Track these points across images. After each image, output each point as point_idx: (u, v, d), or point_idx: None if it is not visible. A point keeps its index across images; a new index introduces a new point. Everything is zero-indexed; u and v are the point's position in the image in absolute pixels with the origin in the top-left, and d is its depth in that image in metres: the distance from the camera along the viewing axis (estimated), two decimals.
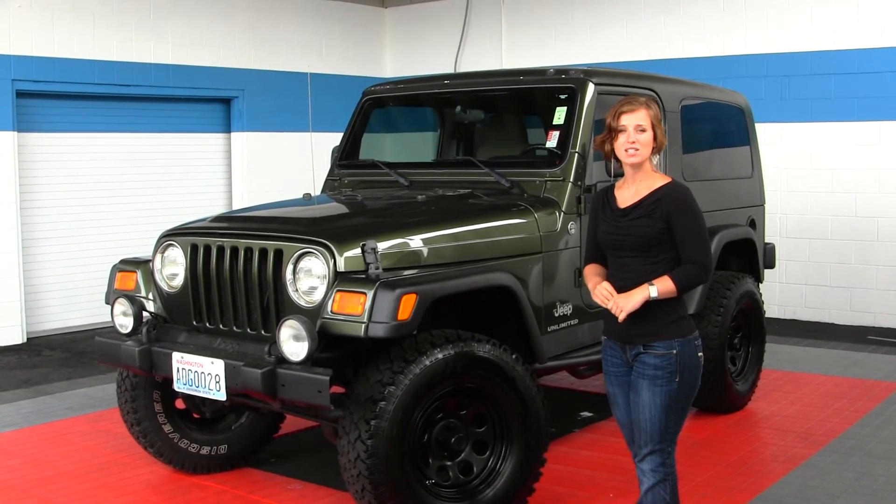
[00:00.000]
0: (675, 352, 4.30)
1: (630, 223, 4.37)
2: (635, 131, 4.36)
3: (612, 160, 4.52)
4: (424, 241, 5.35)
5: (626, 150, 4.37)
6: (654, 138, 4.38)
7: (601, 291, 4.37)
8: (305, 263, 5.06)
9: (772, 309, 11.20)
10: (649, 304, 4.26)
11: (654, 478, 4.36)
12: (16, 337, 10.84)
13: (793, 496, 5.83)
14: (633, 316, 4.29)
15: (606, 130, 4.45)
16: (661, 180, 4.42)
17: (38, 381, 9.15)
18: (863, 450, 6.68)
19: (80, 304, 11.51)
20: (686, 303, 4.52)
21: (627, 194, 4.45)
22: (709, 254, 4.34)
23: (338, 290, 4.86)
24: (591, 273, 4.58)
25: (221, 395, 5.09)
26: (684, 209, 4.32)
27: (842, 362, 9.40)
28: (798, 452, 6.65)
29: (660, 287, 4.24)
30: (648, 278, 4.28)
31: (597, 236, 4.54)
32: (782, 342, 10.26)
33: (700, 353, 4.41)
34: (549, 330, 5.93)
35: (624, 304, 4.26)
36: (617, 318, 4.30)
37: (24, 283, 10.97)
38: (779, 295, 11.67)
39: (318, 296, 4.99)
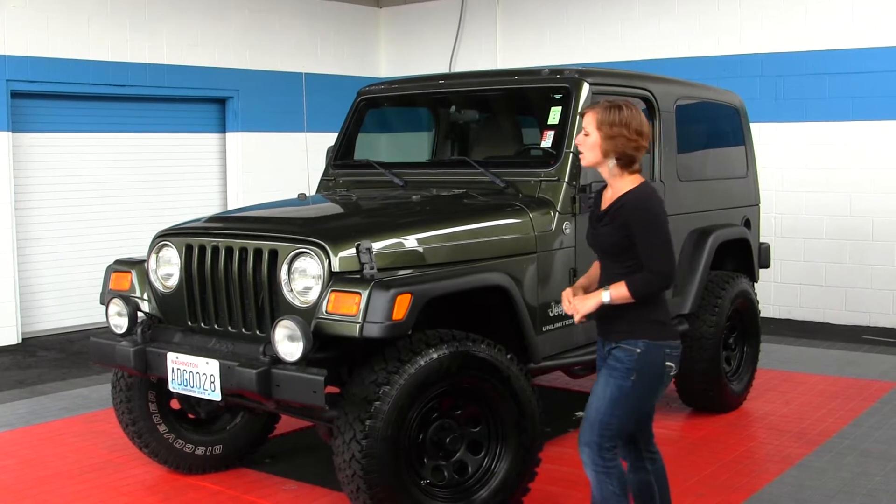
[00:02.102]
0: (638, 350, 4.30)
1: (600, 229, 4.45)
2: (582, 134, 4.41)
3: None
4: (419, 241, 5.35)
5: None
6: (601, 142, 4.34)
7: (564, 294, 4.55)
8: (300, 263, 5.06)
9: (767, 308, 11.21)
10: (623, 305, 4.31)
11: (593, 470, 4.36)
12: (11, 337, 10.83)
13: (788, 496, 5.84)
14: (609, 314, 4.38)
15: None
16: (630, 184, 4.38)
17: (32, 381, 9.14)
18: (858, 449, 6.69)
19: (75, 305, 11.50)
20: (666, 309, 4.47)
21: (607, 197, 4.49)
22: (667, 261, 4.27)
23: (332, 291, 4.86)
24: (593, 268, 4.71)
25: (216, 396, 5.08)
26: (642, 216, 4.27)
27: (837, 362, 9.41)
28: (793, 452, 6.66)
29: (613, 293, 4.29)
30: (616, 282, 4.32)
31: None
32: (777, 342, 10.27)
33: (669, 363, 4.38)
34: (543, 330, 5.93)
35: (580, 306, 4.38)
36: (600, 315, 4.42)
37: (18, 283, 10.95)
38: (774, 294, 11.68)
39: (312, 296, 4.99)
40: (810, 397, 8.08)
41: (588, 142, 4.38)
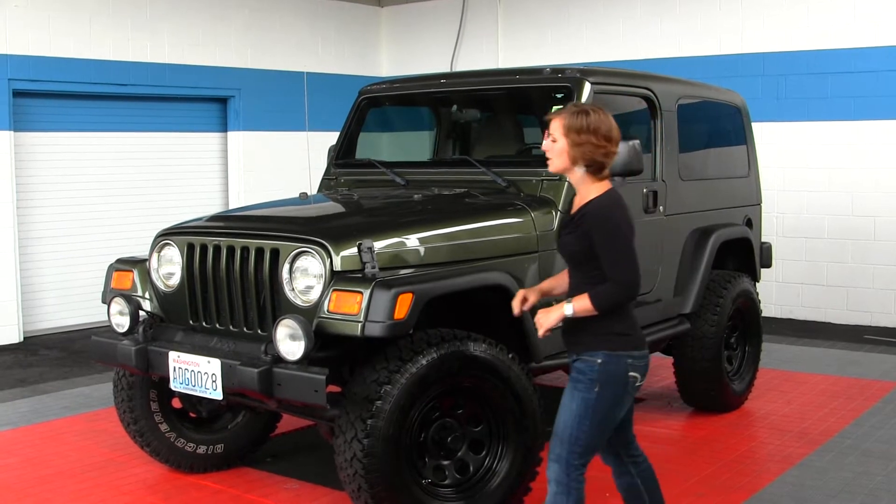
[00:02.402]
0: (598, 361, 4.19)
1: (565, 237, 4.35)
2: (549, 139, 4.30)
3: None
4: (421, 240, 5.35)
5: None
6: (568, 148, 4.22)
7: (518, 295, 4.57)
8: (302, 263, 5.06)
9: (768, 308, 11.21)
10: (579, 318, 4.21)
11: (556, 487, 4.23)
12: (12, 336, 10.84)
13: (789, 495, 5.84)
14: (571, 326, 4.29)
15: None
16: (596, 192, 4.25)
17: (34, 380, 9.15)
18: (859, 449, 6.69)
19: (77, 304, 11.51)
20: (630, 319, 4.31)
21: (576, 203, 4.36)
22: (629, 271, 4.14)
23: (334, 290, 4.86)
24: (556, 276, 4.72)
25: (218, 395, 5.08)
26: (603, 226, 4.15)
27: (838, 361, 9.41)
28: (794, 451, 6.66)
29: (576, 306, 4.18)
30: (581, 292, 4.22)
31: None
32: (779, 341, 10.27)
33: (633, 373, 4.25)
34: None
35: (543, 320, 4.26)
36: (563, 326, 4.33)
37: (20, 282, 10.96)
38: (775, 294, 11.68)
39: (314, 295, 4.99)
40: (812, 397, 8.08)
41: (555, 148, 4.26)
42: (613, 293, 4.15)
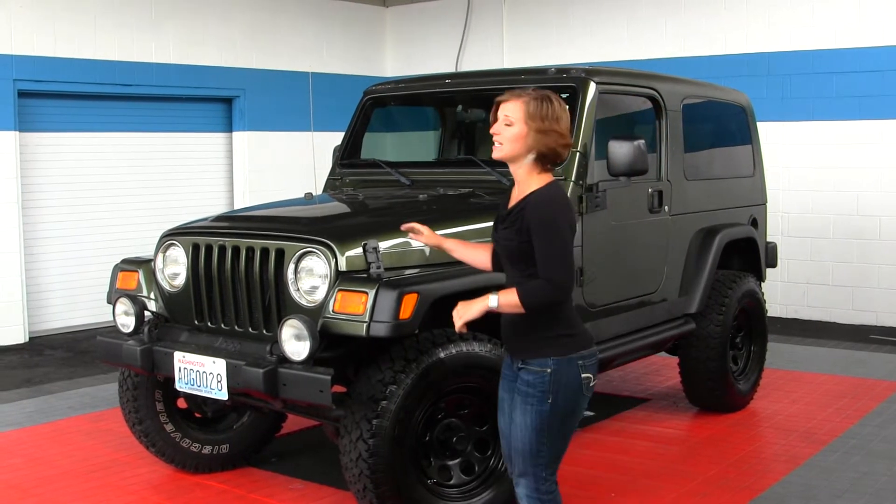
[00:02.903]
0: (549, 370, 3.92)
1: (501, 232, 4.06)
2: (502, 122, 3.97)
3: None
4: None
5: (493, 144, 4.01)
6: (527, 135, 3.91)
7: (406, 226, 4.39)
8: (307, 263, 5.06)
9: (773, 308, 11.20)
10: (525, 319, 3.94)
11: (534, 499, 4.03)
12: (18, 336, 10.85)
13: (794, 495, 5.83)
14: (511, 329, 4.06)
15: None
16: (536, 185, 3.96)
17: (39, 380, 9.16)
18: (864, 449, 6.68)
19: (82, 304, 11.52)
20: (573, 317, 4.04)
21: (513, 196, 4.09)
22: (562, 270, 3.82)
23: (339, 290, 4.86)
24: (481, 246, 4.46)
25: (223, 395, 5.09)
26: (540, 221, 3.84)
27: (843, 361, 9.40)
28: (800, 452, 6.65)
29: (502, 299, 3.88)
30: None
31: None
32: (784, 341, 10.26)
33: (585, 374, 3.98)
34: None
35: (462, 311, 3.98)
36: (504, 330, 4.11)
37: (25, 282, 10.97)
38: (780, 294, 11.67)
39: (319, 295, 4.99)
40: (817, 397, 8.07)
41: (509, 133, 3.93)
42: (543, 292, 3.83)
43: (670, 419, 7.48)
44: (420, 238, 4.57)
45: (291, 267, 5.08)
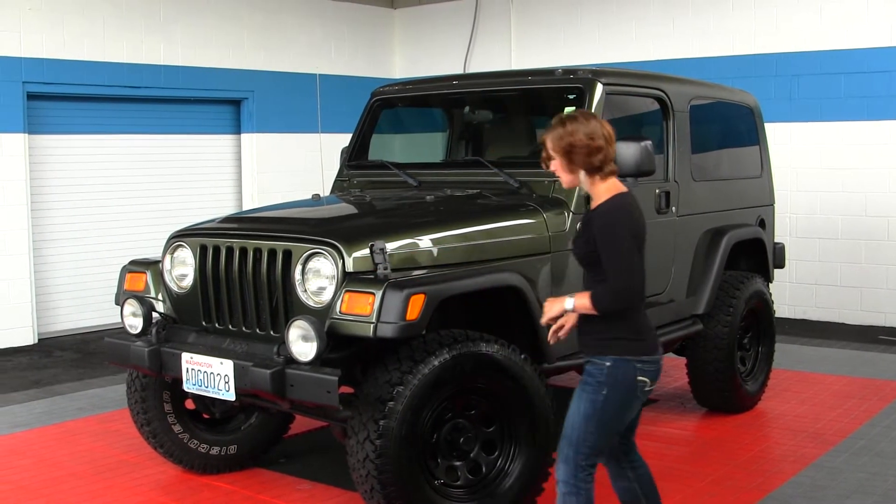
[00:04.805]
0: (607, 365, 4.23)
1: (576, 241, 4.45)
2: (548, 160, 4.38)
3: None
4: (433, 241, 5.35)
5: None
6: (562, 161, 4.27)
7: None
8: (314, 264, 5.07)
9: (782, 309, 11.18)
10: (590, 320, 4.27)
11: (565, 487, 4.27)
12: (27, 338, 10.88)
13: (803, 496, 5.82)
14: (583, 328, 4.35)
15: None
16: (605, 194, 4.29)
17: (48, 381, 9.18)
18: (873, 450, 6.67)
19: (91, 305, 11.55)
20: (641, 324, 4.31)
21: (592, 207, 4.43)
22: (625, 278, 4.14)
23: (346, 291, 4.87)
24: None
25: (231, 396, 5.10)
26: (603, 232, 4.19)
27: (852, 362, 9.38)
28: (808, 452, 6.64)
29: (577, 302, 4.24)
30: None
31: None
32: (792, 342, 10.25)
33: (642, 378, 4.26)
34: None
35: (546, 308, 4.38)
36: (577, 327, 4.39)
37: (35, 284, 11.00)
38: (789, 295, 11.65)
39: (326, 296, 5.00)
40: (825, 397, 8.06)
41: (554, 166, 4.34)
42: (608, 297, 4.17)
43: (678, 420, 7.47)
44: (569, 326, 4.47)
45: (299, 268, 5.09)
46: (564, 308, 4.28)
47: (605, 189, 4.29)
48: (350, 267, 4.97)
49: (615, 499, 4.67)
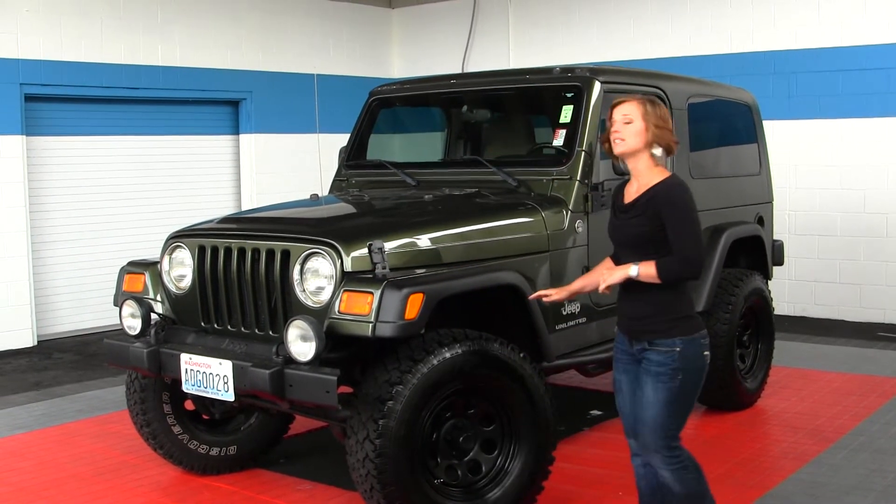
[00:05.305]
0: (677, 349, 4.35)
1: (627, 221, 4.48)
2: (622, 122, 4.43)
3: (619, 158, 4.59)
4: (432, 240, 5.35)
5: (613, 142, 4.47)
6: (647, 129, 4.39)
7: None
8: (312, 264, 5.06)
9: (781, 306, 11.18)
10: (653, 302, 4.36)
11: (669, 469, 4.43)
12: (27, 340, 10.88)
13: (802, 493, 5.82)
14: (638, 313, 4.42)
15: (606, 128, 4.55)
16: (658, 176, 4.44)
17: (48, 383, 9.18)
18: (873, 446, 6.67)
19: (91, 307, 11.55)
20: (692, 301, 4.54)
21: (632, 190, 4.52)
22: (696, 250, 4.33)
23: (345, 290, 4.87)
24: (599, 265, 4.82)
25: (230, 396, 5.10)
26: (673, 207, 4.33)
27: (851, 359, 9.38)
28: (808, 449, 6.64)
29: (642, 269, 4.31)
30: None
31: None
32: (791, 339, 10.25)
33: (706, 353, 4.45)
34: (556, 328, 5.93)
35: (607, 275, 4.40)
36: (626, 314, 4.48)
37: (34, 286, 11.00)
38: (788, 292, 11.65)
39: (325, 296, 4.99)
40: (825, 394, 8.06)
41: (631, 129, 4.41)
42: (680, 266, 4.29)
43: None
44: (553, 298, 4.79)
45: (297, 268, 5.09)
46: (629, 275, 4.32)
47: (658, 171, 4.45)
48: (348, 266, 4.97)
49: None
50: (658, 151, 4.45)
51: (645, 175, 4.46)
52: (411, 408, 4.81)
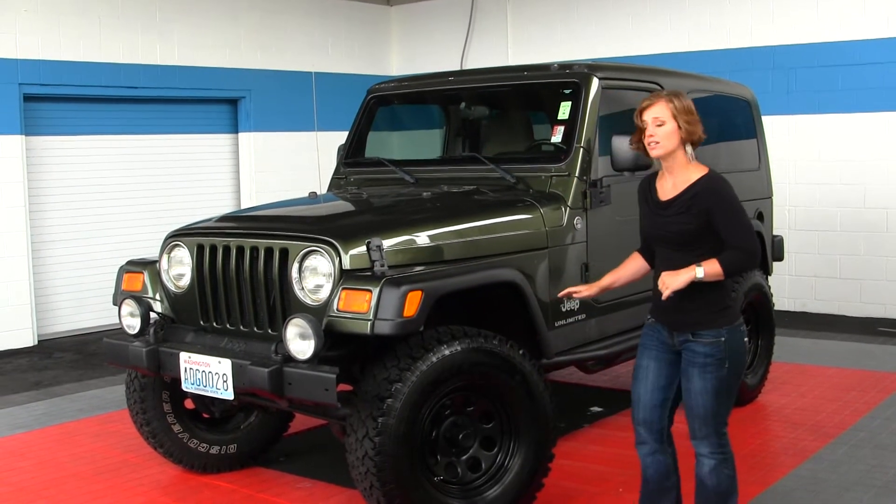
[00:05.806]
0: (723, 339, 4.40)
1: (669, 219, 4.47)
2: (654, 125, 4.44)
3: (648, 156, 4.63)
4: (430, 237, 5.34)
5: (648, 145, 4.48)
6: (679, 128, 4.42)
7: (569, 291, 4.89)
8: (311, 262, 5.06)
9: (781, 301, 11.17)
10: (698, 295, 4.38)
11: (714, 459, 4.49)
12: (27, 339, 10.88)
13: (803, 489, 5.82)
14: (683, 305, 4.42)
15: (636, 129, 4.55)
16: (697, 172, 4.47)
17: (48, 382, 9.18)
18: (873, 442, 6.67)
19: (90, 306, 11.55)
20: (731, 292, 4.62)
21: (667, 186, 4.54)
22: (753, 239, 4.39)
23: (343, 288, 4.87)
24: (627, 261, 4.89)
25: (229, 395, 5.09)
26: (721, 200, 4.38)
27: (852, 354, 9.38)
28: (808, 445, 6.64)
29: (707, 269, 4.31)
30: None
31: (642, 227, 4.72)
32: (792, 335, 10.24)
33: (746, 339, 4.59)
34: (556, 325, 5.92)
35: (671, 282, 4.34)
36: (665, 303, 4.44)
37: (34, 285, 11.00)
38: (788, 287, 11.64)
39: (323, 294, 4.99)
40: (825, 390, 8.05)
41: (664, 131, 4.43)
42: (741, 259, 4.35)
43: (677, 414, 7.43)
44: (584, 295, 4.93)
45: (296, 266, 5.09)
46: (696, 277, 4.31)
47: (695, 167, 4.50)
48: (347, 264, 4.96)
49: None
50: (690, 149, 4.51)
51: (681, 172, 4.50)
52: (410, 405, 4.80)
